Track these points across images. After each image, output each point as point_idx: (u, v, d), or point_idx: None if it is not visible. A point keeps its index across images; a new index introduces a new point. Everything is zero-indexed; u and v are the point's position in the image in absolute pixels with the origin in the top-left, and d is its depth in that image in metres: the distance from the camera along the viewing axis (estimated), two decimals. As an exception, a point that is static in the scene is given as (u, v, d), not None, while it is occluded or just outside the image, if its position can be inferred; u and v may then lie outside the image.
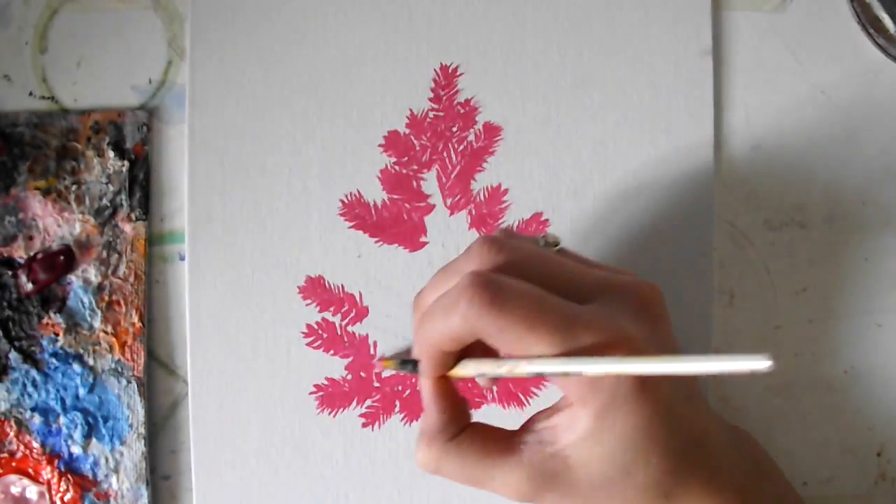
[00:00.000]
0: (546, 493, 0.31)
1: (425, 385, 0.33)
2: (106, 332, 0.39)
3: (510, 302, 0.29)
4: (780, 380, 0.40)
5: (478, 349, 0.32)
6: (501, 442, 0.32)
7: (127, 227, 0.40)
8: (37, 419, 0.39)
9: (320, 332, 0.40)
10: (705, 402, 0.34)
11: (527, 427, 0.32)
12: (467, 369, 0.32)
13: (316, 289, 0.40)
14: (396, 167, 0.40)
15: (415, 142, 0.40)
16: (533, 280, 0.30)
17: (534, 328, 0.29)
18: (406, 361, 0.36)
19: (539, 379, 0.40)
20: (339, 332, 0.40)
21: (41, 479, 0.39)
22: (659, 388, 0.30)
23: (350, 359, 0.40)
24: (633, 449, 0.30)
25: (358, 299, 0.40)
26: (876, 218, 0.41)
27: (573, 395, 0.30)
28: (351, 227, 0.40)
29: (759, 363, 0.25)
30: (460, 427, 0.33)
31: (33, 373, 0.39)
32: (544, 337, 0.29)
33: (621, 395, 0.30)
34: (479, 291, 0.29)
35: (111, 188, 0.40)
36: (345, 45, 0.40)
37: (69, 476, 0.39)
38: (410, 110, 0.40)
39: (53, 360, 0.39)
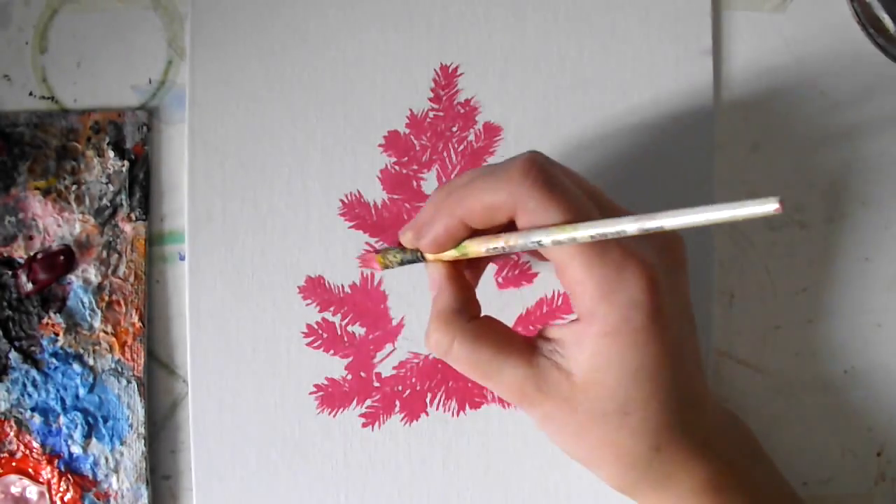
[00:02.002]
0: (545, 401, 0.31)
1: (436, 267, 0.33)
2: (106, 332, 0.39)
3: (561, 189, 0.30)
4: (780, 380, 0.40)
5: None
6: (515, 339, 0.32)
7: (127, 227, 0.40)
8: (37, 419, 0.39)
9: (320, 332, 0.40)
10: (705, 377, 0.33)
11: (541, 333, 0.32)
12: (476, 245, 0.32)
13: (316, 289, 0.40)
14: (396, 167, 0.40)
15: (415, 142, 0.40)
16: None
17: (572, 216, 0.29)
18: (405, 250, 0.34)
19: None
20: (339, 332, 0.40)
21: (41, 479, 0.39)
22: (670, 327, 0.30)
23: (350, 359, 0.40)
24: (635, 388, 0.29)
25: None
26: (876, 218, 0.41)
27: (582, 309, 0.30)
28: (351, 227, 0.40)
29: (768, 206, 0.24)
30: (475, 313, 0.32)
31: (33, 373, 0.39)
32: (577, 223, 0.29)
33: (632, 325, 0.29)
34: (537, 168, 0.30)
35: (111, 188, 0.40)
36: (345, 45, 0.40)
37: (69, 476, 0.39)
38: (410, 110, 0.40)
39: (53, 360, 0.39)
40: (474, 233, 0.32)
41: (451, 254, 0.33)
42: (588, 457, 0.31)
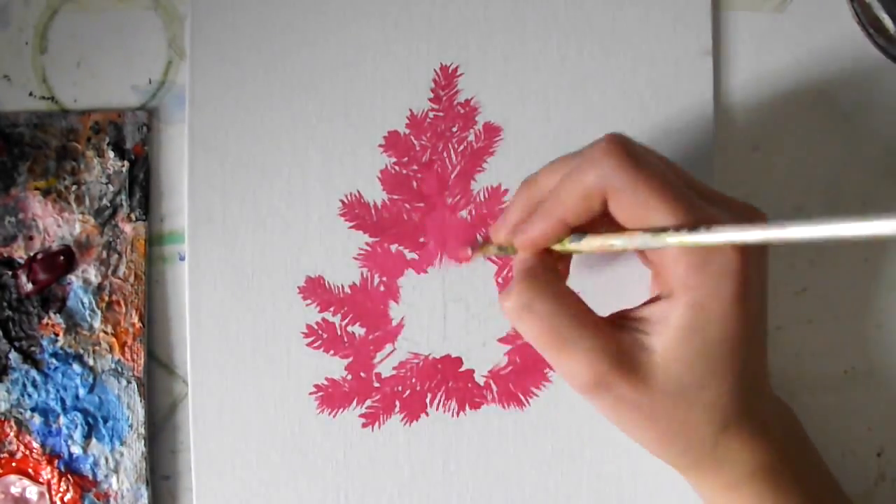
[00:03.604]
0: (620, 382, 0.30)
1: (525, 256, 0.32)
2: (106, 332, 0.39)
3: (645, 164, 0.30)
4: (780, 380, 0.40)
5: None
6: (594, 315, 0.31)
7: (127, 228, 0.40)
8: (37, 419, 0.39)
9: (320, 332, 0.40)
10: (767, 360, 0.33)
11: (620, 314, 0.32)
12: (592, 243, 0.31)
13: (316, 289, 0.40)
14: (396, 167, 0.40)
15: (415, 142, 0.40)
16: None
17: (663, 194, 0.29)
18: (503, 248, 0.35)
19: (540, 378, 0.40)
20: (339, 332, 0.40)
21: (41, 479, 0.39)
22: (753, 303, 0.30)
23: (350, 359, 0.40)
24: (715, 361, 0.30)
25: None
26: (876, 218, 0.41)
27: (672, 283, 0.30)
28: (351, 227, 0.40)
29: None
30: (562, 276, 0.33)
31: (33, 373, 0.39)
32: (671, 205, 0.29)
33: (721, 295, 0.29)
34: (618, 147, 0.30)
35: (111, 188, 0.40)
36: (345, 45, 0.40)
37: (69, 476, 0.39)
38: (410, 110, 0.40)
39: (53, 360, 0.39)
40: (574, 229, 0.32)
41: (555, 248, 0.33)
42: (658, 439, 0.31)
